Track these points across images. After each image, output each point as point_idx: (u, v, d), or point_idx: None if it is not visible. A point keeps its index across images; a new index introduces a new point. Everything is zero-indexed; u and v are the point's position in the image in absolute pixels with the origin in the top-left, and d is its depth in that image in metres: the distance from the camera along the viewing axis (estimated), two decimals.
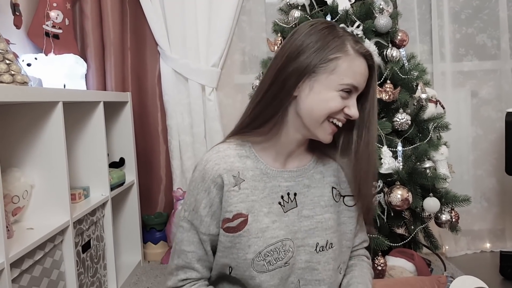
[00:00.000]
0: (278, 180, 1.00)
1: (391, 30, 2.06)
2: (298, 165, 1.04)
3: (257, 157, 1.00)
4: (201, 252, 1.00)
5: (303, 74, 0.92)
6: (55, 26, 2.27)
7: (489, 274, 2.28)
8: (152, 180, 2.81)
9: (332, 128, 0.96)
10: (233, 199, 0.96)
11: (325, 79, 0.92)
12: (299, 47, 0.93)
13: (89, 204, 1.91)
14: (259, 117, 0.98)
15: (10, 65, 1.54)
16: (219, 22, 2.65)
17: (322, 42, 0.92)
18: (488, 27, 2.72)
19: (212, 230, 0.98)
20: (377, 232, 1.91)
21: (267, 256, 0.95)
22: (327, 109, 0.93)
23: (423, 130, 2.05)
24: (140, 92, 2.78)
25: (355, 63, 0.93)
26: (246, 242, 0.94)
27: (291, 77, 0.93)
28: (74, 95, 1.83)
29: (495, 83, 2.72)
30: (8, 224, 1.42)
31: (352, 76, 0.92)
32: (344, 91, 0.93)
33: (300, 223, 1.00)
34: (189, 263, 1.00)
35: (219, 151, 0.99)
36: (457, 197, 2.02)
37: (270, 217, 0.97)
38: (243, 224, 0.95)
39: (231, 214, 0.96)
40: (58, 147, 1.65)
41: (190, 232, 1.00)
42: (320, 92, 0.93)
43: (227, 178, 0.96)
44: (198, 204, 0.98)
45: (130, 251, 2.55)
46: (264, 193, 0.98)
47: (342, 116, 0.96)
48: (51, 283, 1.59)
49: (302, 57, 0.92)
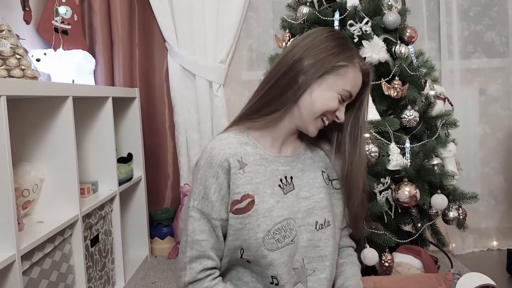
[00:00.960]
0: (275, 164, 1.08)
1: (399, 26, 2.05)
2: (292, 151, 1.13)
3: (256, 144, 1.07)
4: (213, 239, 1.02)
5: (318, 71, 1.01)
6: (64, 22, 2.28)
7: (496, 271, 2.28)
8: (159, 176, 2.82)
9: (321, 124, 1.06)
10: (240, 181, 1.01)
11: (332, 81, 1.02)
12: (319, 46, 1.03)
13: (98, 198, 1.93)
14: (271, 103, 1.05)
15: (21, 60, 1.56)
16: (227, 18, 2.66)
17: (339, 48, 1.03)
18: (496, 25, 2.71)
19: (223, 215, 1.01)
20: (384, 229, 1.91)
21: (275, 234, 1.00)
22: (326, 106, 1.03)
23: (431, 127, 2.05)
24: (148, 88, 2.79)
25: (357, 75, 1.05)
26: (256, 222, 0.99)
27: (306, 73, 1.01)
28: (83, 90, 1.84)
29: (504, 80, 2.71)
30: (19, 217, 1.43)
31: (352, 85, 1.04)
32: (342, 96, 1.03)
33: (299, 204, 1.07)
34: (204, 252, 1.01)
35: (221, 139, 1.06)
36: (465, 194, 2.01)
37: (274, 198, 1.03)
38: (251, 204, 1.00)
39: (239, 195, 1.00)
40: (68, 142, 1.67)
41: (201, 220, 1.02)
42: (325, 90, 1.02)
43: (233, 161, 1.01)
44: (208, 190, 1.01)
45: (138, 246, 2.57)
46: (266, 176, 1.04)
47: (331, 117, 1.06)
48: (60, 276, 1.60)
49: (321, 56, 1.01)
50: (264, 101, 1.05)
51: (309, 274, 1.04)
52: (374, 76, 1.98)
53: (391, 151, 1.90)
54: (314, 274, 1.05)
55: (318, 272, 1.05)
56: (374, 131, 1.90)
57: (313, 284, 1.04)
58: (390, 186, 1.93)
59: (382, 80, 1.97)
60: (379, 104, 1.98)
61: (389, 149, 1.90)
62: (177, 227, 2.58)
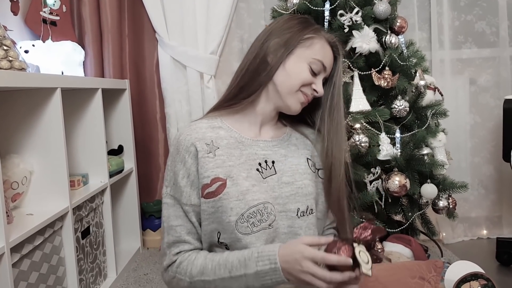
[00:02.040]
0: (254, 148, 1.07)
1: (390, 16, 2.06)
2: (273, 135, 1.12)
3: (230, 127, 1.07)
4: (189, 225, 1.03)
5: (288, 49, 1.05)
6: (52, 13, 2.25)
7: (485, 260, 2.30)
8: (150, 168, 2.82)
9: (302, 99, 1.07)
10: (209, 164, 1.01)
11: (301, 53, 1.05)
12: (282, 26, 1.08)
13: (88, 190, 1.92)
14: (245, 88, 1.07)
15: (8, 51, 1.54)
16: (218, 9, 2.64)
17: (303, 25, 1.08)
18: (487, 14, 2.71)
19: (194, 200, 1.02)
20: (375, 218, 1.92)
21: (250, 218, 0.99)
22: (300, 79, 1.04)
23: (421, 117, 2.06)
24: (138, 80, 2.77)
25: (325, 47, 1.08)
26: (228, 205, 0.98)
27: (276, 52, 1.05)
28: (72, 81, 1.83)
29: (494, 70, 2.72)
30: (8, 210, 1.42)
31: (322, 55, 1.06)
32: (313, 67, 1.05)
33: (281, 189, 1.05)
34: (179, 237, 1.03)
35: (190, 126, 1.07)
36: (455, 184, 2.03)
37: (249, 181, 1.01)
38: (221, 187, 0.99)
39: (208, 179, 1.00)
40: (57, 134, 1.66)
41: (174, 207, 1.03)
42: (296, 63, 1.05)
43: (200, 145, 1.02)
44: (177, 176, 1.02)
45: (130, 238, 2.57)
46: (241, 159, 1.04)
47: (310, 91, 1.07)
48: (51, 268, 1.60)
49: (286, 34, 1.06)
50: (240, 86, 1.08)
51: None
52: (364, 67, 1.98)
53: (381, 141, 1.90)
54: None
55: None
56: (364, 121, 1.90)
57: None
58: (381, 176, 1.94)
59: (372, 70, 1.97)
60: (369, 94, 1.99)
61: (379, 139, 1.91)
62: None
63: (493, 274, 2.15)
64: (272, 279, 0.92)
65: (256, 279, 0.93)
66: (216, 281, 0.97)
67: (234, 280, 0.95)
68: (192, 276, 1.00)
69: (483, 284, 1.39)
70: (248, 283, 0.94)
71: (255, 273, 0.93)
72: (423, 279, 1.56)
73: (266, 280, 0.93)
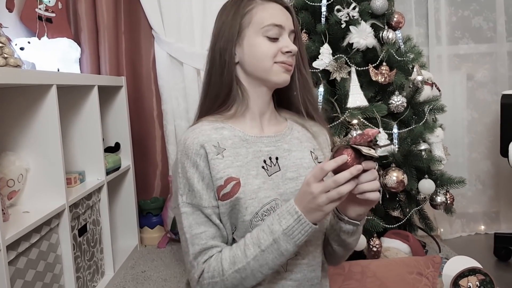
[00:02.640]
0: (258, 145, 1.03)
1: (387, 12, 2.05)
2: (275, 130, 1.08)
3: (233, 127, 1.04)
4: (213, 229, 0.98)
5: (232, 39, 1.02)
6: (48, 10, 2.24)
7: (483, 255, 2.31)
8: (148, 165, 2.81)
9: (284, 66, 1.02)
10: (220, 165, 0.97)
11: (249, 32, 1.01)
12: (220, 24, 1.05)
13: (85, 188, 1.91)
14: (217, 96, 1.05)
15: (3, 48, 1.53)
16: (214, 5, 2.62)
17: (235, 8, 1.03)
18: (484, 10, 2.71)
19: (213, 202, 0.98)
20: (372, 214, 1.92)
21: (264, 216, 0.95)
22: (264, 54, 1.00)
23: (419, 113, 2.06)
24: (135, 77, 2.76)
25: (267, 6, 1.02)
26: (243, 204, 0.95)
27: (226, 49, 1.02)
28: (68, 78, 1.82)
29: (491, 66, 2.72)
30: (4, 208, 1.42)
31: (271, 17, 1.01)
32: (271, 35, 1.00)
33: (286, 186, 1.02)
34: (205, 244, 0.97)
35: (194, 129, 1.02)
36: (452, 179, 2.03)
37: (259, 178, 0.99)
38: (236, 186, 0.96)
39: (222, 180, 0.96)
40: (53, 131, 1.65)
41: (194, 214, 0.98)
42: (250, 44, 1.01)
43: (209, 147, 0.98)
44: (191, 181, 0.98)
45: (127, 236, 2.56)
46: (248, 158, 1.00)
47: (285, 57, 1.02)
48: (48, 266, 1.59)
49: (224, 28, 1.03)
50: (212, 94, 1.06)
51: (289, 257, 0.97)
52: (361, 62, 1.98)
53: (378, 137, 1.90)
54: (295, 258, 0.99)
55: (299, 256, 1.00)
56: (361, 117, 1.90)
57: (292, 268, 0.99)
58: (378, 172, 1.94)
59: (369, 66, 1.97)
60: (366, 90, 1.98)
61: (376, 136, 1.91)
62: (167, 216, 2.58)
63: (491, 269, 2.15)
64: (301, 231, 0.89)
65: (287, 240, 0.89)
66: (250, 263, 0.92)
67: (267, 252, 0.90)
68: (225, 271, 0.94)
69: (481, 279, 1.39)
70: (281, 249, 0.90)
71: (283, 233, 0.89)
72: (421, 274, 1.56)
73: (295, 236, 0.89)
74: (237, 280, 0.93)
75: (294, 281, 0.99)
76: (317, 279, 1.03)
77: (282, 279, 0.98)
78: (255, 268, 0.92)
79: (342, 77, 1.95)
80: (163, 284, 2.12)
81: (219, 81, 1.04)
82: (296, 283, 0.99)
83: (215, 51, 1.04)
